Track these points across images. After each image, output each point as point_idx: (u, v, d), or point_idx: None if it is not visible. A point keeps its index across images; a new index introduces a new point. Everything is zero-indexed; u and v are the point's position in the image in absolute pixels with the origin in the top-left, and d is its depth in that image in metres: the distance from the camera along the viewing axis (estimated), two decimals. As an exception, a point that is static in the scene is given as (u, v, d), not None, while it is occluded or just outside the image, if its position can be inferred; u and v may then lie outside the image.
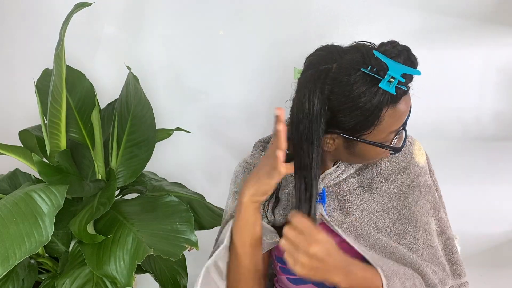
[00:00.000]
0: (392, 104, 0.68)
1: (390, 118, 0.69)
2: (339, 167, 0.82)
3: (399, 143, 0.75)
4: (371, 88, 0.66)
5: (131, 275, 0.89)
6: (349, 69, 0.67)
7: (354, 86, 0.66)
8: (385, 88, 0.65)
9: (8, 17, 1.35)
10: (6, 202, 0.88)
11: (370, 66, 0.65)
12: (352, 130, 0.70)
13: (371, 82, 0.66)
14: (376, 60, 0.65)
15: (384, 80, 0.65)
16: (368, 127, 0.69)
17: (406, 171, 0.83)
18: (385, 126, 0.69)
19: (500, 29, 1.23)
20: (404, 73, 0.65)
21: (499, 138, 1.34)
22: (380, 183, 0.83)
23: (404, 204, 0.81)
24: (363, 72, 0.66)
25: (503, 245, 1.49)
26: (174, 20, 1.32)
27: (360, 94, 0.66)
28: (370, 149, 0.73)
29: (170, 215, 1.01)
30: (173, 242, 0.94)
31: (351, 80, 0.66)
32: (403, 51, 0.66)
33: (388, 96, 0.66)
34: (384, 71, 0.65)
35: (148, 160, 1.17)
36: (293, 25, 1.28)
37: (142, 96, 1.21)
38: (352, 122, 0.69)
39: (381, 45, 0.67)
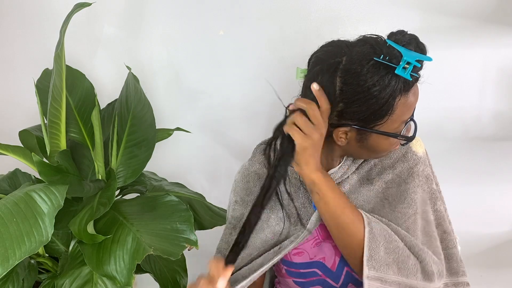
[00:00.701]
0: (405, 93, 0.68)
1: (402, 107, 0.69)
2: (342, 167, 0.82)
3: (407, 133, 0.75)
4: (384, 77, 0.66)
5: (131, 275, 0.89)
6: (360, 59, 0.67)
7: (368, 75, 0.66)
8: (401, 74, 0.66)
9: (8, 17, 1.35)
10: (6, 202, 0.88)
11: (382, 55, 0.66)
12: (366, 121, 0.70)
13: (384, 70, 0.66)
14: (389, 49, 0.66)
15: (400, 66, 0.65)
16: (382, 117, 0.69)
17: (404, 159, 0.83)
18: (398, 115, 0.70)
19: (500, 29, 1.23)
20: (417, 59, 0.66)
21: (499, 138, 1.34)
22: (379, 173, 0.82)
23: (405, 189, 0.80)
24: (376, 61, 0.66)
25: (503, 245, 1.49)
26: (174, 20, 1.32)
27: (374, 83, 0.66)
28: (382, 141, 0.73)
29: (170, 215, 1.01)
30: (173, 242, 0.94)
31: (364, 70, 0.66)
32: (412, 39, 0.67)
33: (401, 84, 0.67)
34: (397, 59, 0.65)
35: (148, 160, 1.17)
36: (293, 25, 1.28)
37: (142, 96, 1.21)
38: (366, 113, 0.69)
39: (391, 35, 0.68)
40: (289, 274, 0.86)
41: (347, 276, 0.82)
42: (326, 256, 0.82)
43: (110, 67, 1.38)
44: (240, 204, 0.88)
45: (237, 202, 0.88)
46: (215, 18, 1.30)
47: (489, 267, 1.51)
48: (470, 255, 1.46)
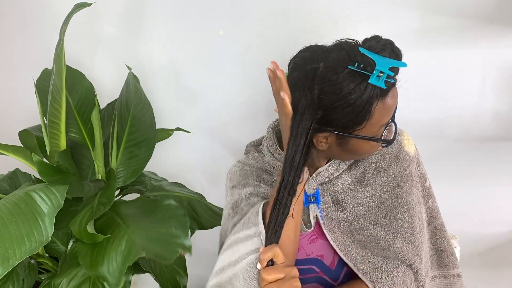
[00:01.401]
0: (382, 98, 0.69)
1: (380, 111, 0.69)
2: (332, 165, 0.83)
3: (389, 135, 0.76)
4: (360, 84, 0.67)
5: (121, 277, 0.89)
6: (336, 67, 0.67)
7: (343, 84, 0.67)
8: (374, 83, 0.66)
9: (8, 17, 1.35)
10: (6, 202, 0.88)
11: (357, 62, 0.66)
12: (344, 127, 0.71)
13: (359, 78, 0.67)
14: (362, 57, 0.66)
15: (373, 75, 0.66)
16: (360, 123, 0.70)
17: (397, 161, 0.83)
18: (376, 119, 0.70)
19: (500, 29, 1.23)
20: (391, 67, 0.66)
21: (499, 138, 1.34)
22: (372, 175, 0.83)
23: (399, 193, 0.81)
24: (351, 70, 0.67)
25: (503, 245, 1.49)
26: (174, 20, 1.32)
27: (350, 91, 0.67)
28: (363, 144, 0.74)
29: (166, 219, 1.01)
30: (167, 246, 0.93)
31: (340, 78, 0.67)
32: (387, 45, 0.67)
33: (377, 90, 0.67)
34: (371, 67, 0.66)
35: (148, 160, 1.17)
36: (293, 25, 1.28)
37: (142, 96, 1.21)
38: (344, 119, 0.69)
39: (365, 41, 0.68)
40: None
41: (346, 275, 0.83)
42: (325, 254, 0.83)
43: (110, 67, 1.37)
44: (237, 188, 0.88)
45: (234, 186, 0.88)
46: (215, 18, 1.30)
47: (489, 267, 1.51)
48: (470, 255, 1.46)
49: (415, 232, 0.79)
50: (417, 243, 0.79)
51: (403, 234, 0.79)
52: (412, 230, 0.79)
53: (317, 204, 0.81)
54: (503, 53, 1.26)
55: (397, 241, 0.79)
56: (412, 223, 0.80)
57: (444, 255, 0.86)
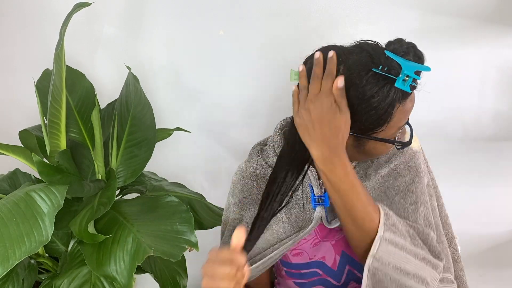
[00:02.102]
0: (403, 101, 0.68)
1: (400, 114, 0.69)
2: None
3: (402, 138, 0.76)
4: (383, 88, 0.66)
5: (131, 276, 0.89)
6: (359, 70, 0.66)
7: (366, 88, 0.66)
8: (401, 87, 0.65)
9: (8, 17, 1.35)
10: (6, 202, 0.88)
11: (381, 65, 0.65)
12: (364, 129, 0.70)
13: (383, 81, 0.66)
14: (387, 60, 0.65)
15: (399, 79, 0.65)
16: (381, 125, 0.69)
17: (400, 153, 0.83)
18: (395, 122, 0.70)
19: (500, 29, 1.23)
20: (416, 70, 0.65)
21: (499, 138, 1.34)
22: (375, 168, 0.82)
23: (401, 182, 0.80)
24: (375, 72, 0.66)
25: (503, 245, 1.49)
26: (174, 20, 1.32)
27: (373, 94, 0.66)
28: (380, 146, 0.74)
29: (170, 216, 1.01)
30: (173, 243, 0.93)
31: (363, 81, 0.66)
32: (410, 48, 0.66)
33: (399, 93, 0.67)
34: (396, 70, 0.65)
35: (148, 160, 1.17)
36: (293, 25, 1.28)
37: (142, 96, 1.21)
38: (366, 122, 0.69)
39: (389, 44, 0.67)
40: (290, 275, 0.86)
41: (349, 274, 0.83)
42: (326, 256, 0.82)
43: (110, 67, 1.37)
44: (238, 207, 0.87)
45: (235, 204, 0.87)
46: (215, 18, 1.30)
47: (489, 267, 1.51)
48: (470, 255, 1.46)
49: (418, 218, 0.77)
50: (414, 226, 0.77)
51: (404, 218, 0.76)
52: (415, 216, 0.77)
53: (324, 206, 0.81)
54: (503, 53, 1.26)
55: None
56: (415, 209, 0.77)
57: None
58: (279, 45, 1.30)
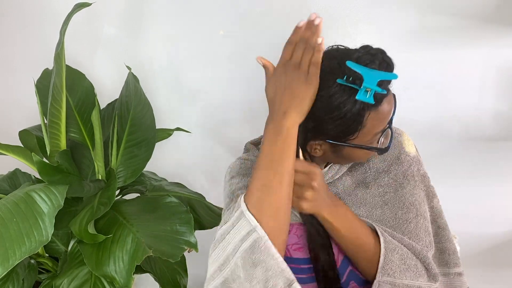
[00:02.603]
0: (375, 108, 0.67)
1: (373, 121, 0.69)
2: (332, 168, 0.83)
3: (386, 142, 0.75)
4: (350, 98, 0.66)
5: (130, 276, 0.89)
6: (327, 79, 0.67)
7: (333, 98, 0.66)
8: (362, 99, 0.65)
9: (8, 17, 1.35)
10: (6, 202, 0.88)
11: (345, 75, 0.65)
12: (336, 137, 0.71)
13: (349, 91, 0.66)
14: (351, 72, 0.64)
15: (361, 91, 0.64)
16: (352, 133, 0.70)
17: (398, 161, 0.83)
18: (369, 129, 0.69)
19: (500, 29, 1.23)
20: (380, 80, 0.64)
21: (499, 138, 1.34)
22: (374, 177, 0.83)
23: (402, 194, 0.81)
24: (339, 83, 0.66)
25: (503, 245, 1.49)
26: (174, 20, 1.32)
27: (339, 104, 0.66)
28: (357, 152, 0.74)
29: (170, 216, 1.01)
30: (173, 243, 0.93)
31: (330, 91, 0.66)
32: (377, 55, 0.65)
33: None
34: (360, 80, 0.64)
35: (148, 160, 1.17)
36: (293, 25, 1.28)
37: (142, 96, 1.21)
38: (336, 130, 0.69)
39: (354, 52, 0.67)
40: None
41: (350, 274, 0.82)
42: None
43: (110, 67, 1.37)
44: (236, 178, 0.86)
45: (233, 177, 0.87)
46: (215, 18, 1.30)
47: (489, 267, 1.51)
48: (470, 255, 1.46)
49: (420, 232, 0.79)
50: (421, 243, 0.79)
51: (408, 234, 0.79)
52: (417, 230, 0.79)
53: None
54: (503, 53, 1.26)
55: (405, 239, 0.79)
56: (417, 223, 0.80)
57: (445, 253, 0.86)
58: (279, 45, 1.30)
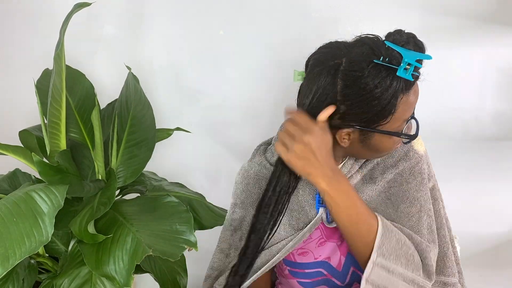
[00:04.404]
0: (407, 92, 0.69)
1: (404, 105, 0.69)
2: (345, 166, 0.82)
3: (409, 131, 0.75)
4: (386, 78, 0.66)
5: (130, 275, 0.89)
6: (360, 62, 0.67)
7: (368, 79, 0.66)
8: (402, 76, 0.66)
9: (8, 17, 1.35)
10: (6, 202, 0.88)
11: (382, 56, 0.66)
12: (369, 122, 0.70)
13: (385, 72, 0.66)
14: (388, 50, 0.66)
15: (401, 67, 0.65)
16: (385, 117, 0.69)
17: (406, 158, 0.83)
18: (400, 114, 0.70)
19: (500, 29, 1.23)
20: (418, 59, 0.66)
21: (499, 138, 1.34)
22: (381, 172, 0.82)
23: (407, 189, 0.81)
24: (376, 63, 0.66)
25: (503, 245, 1.49)
26: (174, 20, 1.32)
27: (376, 85, 0.66)
28: (385, 140, 0.73)
29: (169, 216, 1.01)
30: (173, 243, 0.93)
31: (365, 73, 0.66)
32: (410, 38, 0.67)
33: (402, 84, 0.67)
34: (397, 60, 0.66)
35: (148, 160, 1.17)
36: (293, 25, 1.28)
37: (142, 96, 1.21)
38: (369, 114, 0.69)
39: (389, 35, 0.68)
40: (293, 274, 0.86)
41: (353, 275, 0.83)
42: (331, 256, 0.82)
43: (110, 67, 1.38)
44: (240, 207, 0.88)
45: (236, 205, 0.89)
46: (215, 18, 1.30)
47: (489, 267, 1.51)
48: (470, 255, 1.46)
49: (422, 228, 0.79)
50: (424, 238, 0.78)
51: (409, 229, 0.78)
52: (419, 226, 0.78)
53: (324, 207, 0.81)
54: (503, 53, 1.26)
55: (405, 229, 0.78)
56: (419, 218, 0.79)
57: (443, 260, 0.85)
58: (279, 45, 1.30)
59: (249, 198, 0.87)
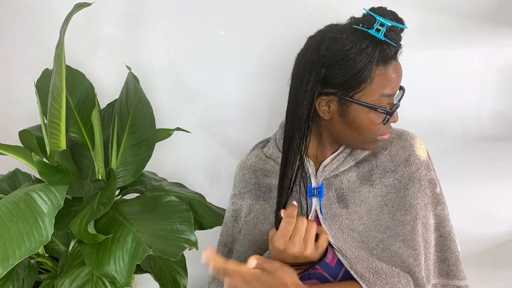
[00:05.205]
0: (383, 63, 0.73)
1: (381, 78, 0.73)
2: (337, 158, 0.83)
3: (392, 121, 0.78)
4: (362, 41, 0.72)
5: (131, 275, 0.89)
6: (342, 29, 0.74)
7: (346, 40, 0.73)
8: (375, 35, 0.71)
9: (8, 17, 1.35)
10: (6, 202, 0.88)
11: (361, 24, 0.73)
12: (345, 87, 0.73)
13: (362, 36, 0.72)
14: (367, 16, 0.73)
15: (373, 28, 0.71)
16: (360, 82, 0.73)
17: (407, 163, 0.83)
18: (376, 86, 0.73)
19: (500, 29, 1.23)
20: (392, 25, 0.71)
21: (499, 138, 1.34)
22: (380, 175, 0.82)
23: (404, 196, 0.81)
24: (355, 28, 0.73)
25: (503, 245, 1.49)
26: (174, 20, 1.32)
27: (352, 46, 0.72)
28: (363, 115, 0.75)
29: (169, 215, 1.01)
30: (173, 242, 0.94)
31: (344, 36, 0.73)
32: (390, 11, 0.74)
33: (377, 52, 0.72)
34: (373, 23, 0.71)
35: (148, 160, 1.17)
36: (293, 25, 1.28)
37: (142, 96, 1.21)
38: (345, 76, 0.73)
39: (372, 8, 0.75)
40: None
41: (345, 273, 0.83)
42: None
43: (110, 67, 1.37)
44: (238, 197, 0.92)
45: (235, 195, 0.92)
46: (215, 18, 1.30)
47: (489, 267, 1.51)
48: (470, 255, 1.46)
49: (416, 236, 0.78)
50: (416, 246, 0.78)
51: (402, 236, 0.78)
52: (413, 234, 0.78)
53: (319, 198, 0.81)
54: (503, 53, 1.26)
55: (396, 243, 0.78)
56: (414, 226, 0.79)
57: (445, 264, 0.84)
58: (279, 45, 1.30)
59: (246, 188, 0.90)
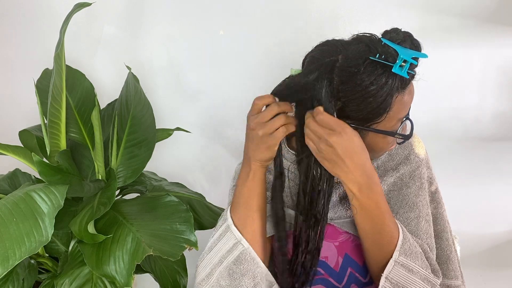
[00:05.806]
0: (402, 90, 0.68)
1: (399, 104, 0.69)
2: None
3: (403, 132, 0.75)
4: (381, 76, 0.66)
5: (130, 275, 0.89)
6: (356, 58, 0.67)
7: (364, 75, 0.66)
8: (398, 73, 0.65)
9: (8, 17, 1.35)
10: (6, 202, 0.88)
11: (378, 53, 0.66)
12: (363, 120, 0.70)
13: (381, 69, 0.66)
14: (384, 47, 0.66)
15: (396, 64, 0.65)
16: (379, 115, 0.69)
17: (407, 161, 0.83)
18: (394, 113, 0.69)
19: (500, 29, 1.23)
20: (413, 57, 0.66)
21: (499, 138, 1.34)
22: (381, 175, 0.82)
23: (407, 194, 0.81)
24: (372, 60, 0.66)
25: (503, 245, 1.49)
26: (174, 20, 1.32)
27: (372, 81, 0.66)
28: (380, 140, 0.73)
29: (169, 215, 1.01)
30: (173, 242, 0.94)
31: (361, 69, 0.66)
32: (407, 37, 0.67)
33: (398, 82, 0.67)
34: (393, 57, 0.65)
35: (148, 160, 1.17)
36: (293, 25, 1.28)
37: (142, 96, 1.21)
38: (364, 111, 0.68)
39: (385, 33, 0.68)
40: None
41: (350, 276, 0.82)
42: (329, 256, 0.82)
43: (110, 67, 1.37)
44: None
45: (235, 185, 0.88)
46: (215, 18, 1.30)
47: (489, 267, 1.51)
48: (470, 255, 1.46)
49: (420, 233, 0.79)
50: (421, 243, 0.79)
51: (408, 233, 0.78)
52: (417, 231, 0.79)
53: None
54: (503, 53, 1.26)
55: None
56: (418, 224, 0.79)
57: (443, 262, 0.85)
58: (279, 45, 1.30)
59: None
